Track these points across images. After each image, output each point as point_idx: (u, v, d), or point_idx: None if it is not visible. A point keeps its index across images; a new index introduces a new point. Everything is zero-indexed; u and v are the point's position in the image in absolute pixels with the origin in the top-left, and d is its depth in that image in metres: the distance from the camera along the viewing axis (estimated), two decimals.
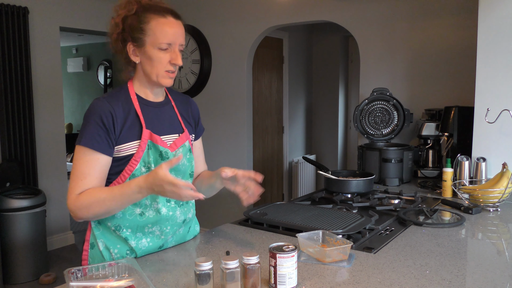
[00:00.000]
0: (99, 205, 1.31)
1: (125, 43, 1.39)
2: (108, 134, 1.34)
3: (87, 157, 1.33)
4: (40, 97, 4.03)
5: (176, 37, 1.38)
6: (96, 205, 1.31)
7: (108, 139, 1.34)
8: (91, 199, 1.31)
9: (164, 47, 1.36)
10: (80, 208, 1.32)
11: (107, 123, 1.34)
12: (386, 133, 2.89)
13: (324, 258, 1.35)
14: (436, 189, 2.41)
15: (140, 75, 1.44)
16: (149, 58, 1.38)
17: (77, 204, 1.31)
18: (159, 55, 1.37)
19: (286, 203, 2.02)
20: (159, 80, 1.40)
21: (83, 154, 1.34)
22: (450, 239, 1.59)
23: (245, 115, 4.24)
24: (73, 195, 1.32)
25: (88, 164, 1.33)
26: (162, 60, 1.37)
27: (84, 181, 1.33)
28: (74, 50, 7.95)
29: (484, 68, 2.31)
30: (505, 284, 1.22)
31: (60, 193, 4.22)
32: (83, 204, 1.31)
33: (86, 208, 1.31)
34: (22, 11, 3.79)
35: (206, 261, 1.10)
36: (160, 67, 1.38)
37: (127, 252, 1.42)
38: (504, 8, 2.23)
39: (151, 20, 1.36)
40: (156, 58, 1.37)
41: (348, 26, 3.54)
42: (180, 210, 1.48)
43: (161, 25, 1.36)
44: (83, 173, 1.33)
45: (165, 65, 1.38)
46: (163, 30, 1.36)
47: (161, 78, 1.40)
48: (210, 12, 4.33)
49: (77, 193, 1.32)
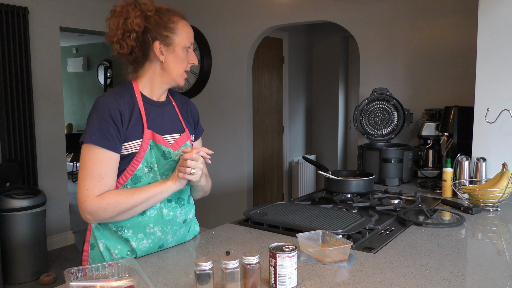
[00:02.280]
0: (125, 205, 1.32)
1: (149, 41, 1.39)
2: (118, 131, 1.34)
3: (100, 157, 1.31)
4: (40, 97, 4.03)
5: (192, 38, 1.48)
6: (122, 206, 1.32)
7: (118, 136, 1.34)
8: (117, 200, 1.32)
9: (189, 47, 1.45)
10: (105, 208, 1.30)
11: (116, 119, 1.33)
12: (386, 133, 2.89)
13: (324, 258, 1.35)
14: (436, 189, 2.41)
15: (152, 74, 1.44)
16: (176, 57, 1.43)
17: (101, 204, 1.30)
18: (185, 55, 1.45)
19: (286, 203, 2.02)
20: (178, 79, 1.47)
21: (94, 153, 1.32)
22: (450, 239, 1.59)
23: (245, 115, 4.24)
24: (92, 196, 1.30)
25: (103, 165, 1.32)
26: (184, 60, 1.45)
27: (102, 182, 1.31)
28: (74, 50, 7.95)
29: (484, 68, 2.31)
30: (505, 284, 1.22)
31: (60, 193, 4.22)
32: (110, 202, 1.31)
33: (112, 207, 1.31)
34: (22, 11, 3.79)
35: (206, 261, 1.10)
36: (183, 66, 1.46)
37: (127, 252, 1.42)
38: (504, 8, 2.23)
39: (178, 21, 1.43)
40: (183, 58, 1.45)
41: (348, 26, 3.54)
42: (181, 210, 1.49)
43: (186, 26, 1.45)
44: (100, 174, 1.31)
45: (186, 64, 1.47)
46: (188, 31, 1.45)
47: (180, 77, 1.47)
48: (210, 12, 4.33)
49: (96, 194, 1.31)
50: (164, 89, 1.48)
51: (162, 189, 1.37)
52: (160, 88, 1.47)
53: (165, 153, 1.41)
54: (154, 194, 1.36)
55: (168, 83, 1.47)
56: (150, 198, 1.36)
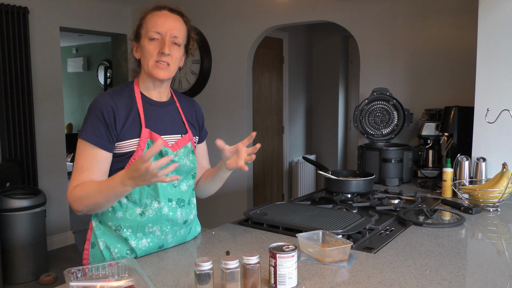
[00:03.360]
0: (89, 198, 1.32)
1: (132, 41, 1.47)
2: (108, 129, 1.36)
3: (87, 152, 1.36)
4: (40, 97, 4.03)
5: (165, 27, 1.39)
6: (86, 197, 1.33)
7: (108, 135, 1.36)
8: (83, 192, 1.33)
9: (153, 37, 1.39)
10: (75, 200, 1.34)
11: (108, 118, 1.36)
12: (386, 133, 2.89)
13: (324, 258, 1.35)
14: (436, 189, 2.41)
15: (142, 72, 1.46)
16: (142, 50, 1.42)
17: (72, 196, 1.35)
18: (149, 46, 1.40)
19: (286, 203, 2.02)
20: (151, 71, 1.41)
21: (83, 148, 1.36)
22: (450, 239, 1.59)
23: (245, 115, 4.24)
24: (71, 187, 1.36)
25: (87, 158, 1.36)
26: (151, 50, 1.40)
27: (82, 174, 1.35)
28: (74, 50, 7.94)
29: (484, 68, 2.31)
30: (505, 284, 1.22)
31: (60, 193, 4.22)
32: (77, 196, 1.33)
33: (79, 201, 1.34)
34: (22, 11, 3.79)
35: (206, 261, 1.10)
36: (150, 57, 1.40)
37: (127, 252, 1.43)
38: (504, 8, 2.23)
39: (147, 14, 1.43)
40: (147, 49, 1.40)
41: (348, 26, 3.54)
42: (181, 211, 1.48)
43: (153, 16, 1.42)
44: (82, 167, 1.35)
45: (155, 55, 1.39)
46: (152, 20, 1.41)
47: (152, 69, 1.41)
48: (210, 12, 4.33)
49: (74, 185, 1.35)
50: (156, 87, 1.46)
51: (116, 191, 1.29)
52: (153, 86, 1.46)
53: (162, 153, 1.41)
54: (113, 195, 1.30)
55: (150, 79, 1.45)
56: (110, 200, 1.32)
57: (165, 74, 1.42)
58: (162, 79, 1.43)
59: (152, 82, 1.46)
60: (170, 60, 1.41)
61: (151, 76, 1.43)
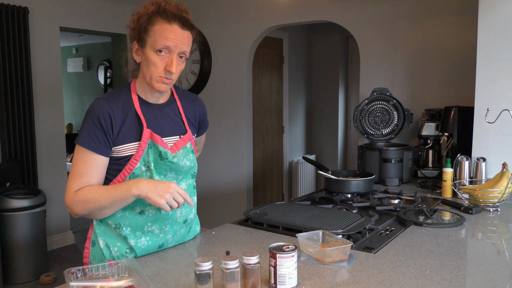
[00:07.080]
0: (94, 202, 1.34)
1: (133, 41, 1.42)
2: (105, 135, 1.36)
3: (85, 157, 1.37)
4: (40, 97, 4.03)
5: (175, 44, 1.35)
6: (92, 201, 1.34)
7: (105, 140, 1.37)
8: (88, 196, 1.35)
9: (160, 50, 1.34)
10: (77, 203, 1.35)
11: (104, 124, 1.36)
12: (386, 133, 2.89)
13: (324, 258, 1.35)
14: (436, 189, 2.41)
15: (141, 76, 1.44)
16: (146, 60, 1.37)
17: (74, 199, 1.36)
18: (155, 59, 1.35)
19: (286, 203, 2.02)
20: (152, 84, 1.38)
21: (81, 153, 1.37)
22: (450, 239, 1.59)
23: (245, 115, 4.24)
24: (70, 192, 1.37)
25: (85, 164, 1.37)
26: (157, 64, 1.35)
27: (82, 179, 1.36)
28: (74, 50, 7.94)
29: (484, 68, 2.31)
30: (505, 284, 1.22)
31: (60, 193, 4.22)
32: (80, 199, 1.35)
33: (82, 204, 1.35)
34: (22, 11, 3.79)
35: (206, 261, 1.10)
36: (154, 71, 1.36)
37: (126, 250, 1.43)
38: (504, 8, 2.23)
39: (157, 23, 1.35)
40: (152, 61, 1.35)
41: (348, 26, 3.54)
42: (181, 210, 1.49)
43: (163, 29, 1.34)
44: (81, 172, 1.37)
45: (160, 70, 1.36)
46: (162, 34, 1.34)
47: (154, 82, 1.38)
48: (210, 12, 4.33)
49: (74, 190, 1.36)
50: (153, 92, 1.43)
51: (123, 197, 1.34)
52: (150, 90, 1.43)
53: (162, 154, 1.41)
54: (118, 200, 1.34)
55: (149, 87, 1.42)
56: (115, 204, 1.35)
57: (167, 87, 1.41)
58: (162, 92, 1.43)
59: (150, 90, 1.44)
60: (175, 76, 1.39)
61: (151, 87, 1.40)
